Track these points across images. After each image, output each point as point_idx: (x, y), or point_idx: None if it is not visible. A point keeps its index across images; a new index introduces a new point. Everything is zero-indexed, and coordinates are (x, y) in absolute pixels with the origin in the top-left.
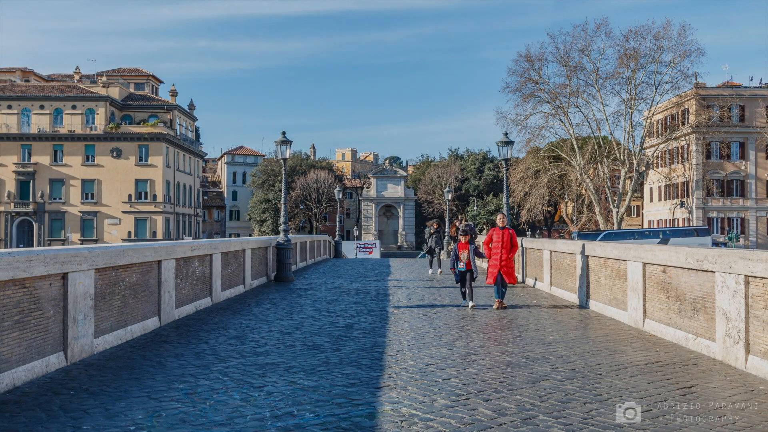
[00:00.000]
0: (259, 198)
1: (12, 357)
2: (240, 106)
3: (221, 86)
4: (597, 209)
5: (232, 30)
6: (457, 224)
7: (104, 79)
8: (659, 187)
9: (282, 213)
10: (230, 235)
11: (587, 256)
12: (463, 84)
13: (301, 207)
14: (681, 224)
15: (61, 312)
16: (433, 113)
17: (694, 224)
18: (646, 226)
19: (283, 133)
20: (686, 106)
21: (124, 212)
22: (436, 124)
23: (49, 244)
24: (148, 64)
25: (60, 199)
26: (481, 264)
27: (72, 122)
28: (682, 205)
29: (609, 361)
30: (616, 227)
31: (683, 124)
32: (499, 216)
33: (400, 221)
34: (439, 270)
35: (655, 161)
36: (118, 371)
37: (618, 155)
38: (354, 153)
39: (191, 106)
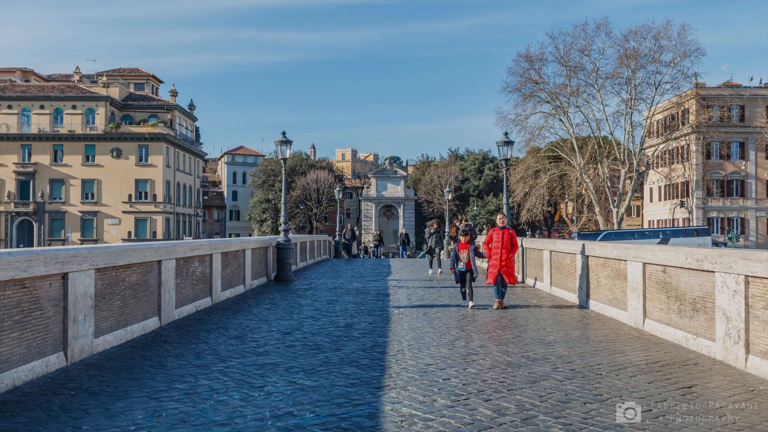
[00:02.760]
0: (259, 198)
1: (12, 357)
2: (240, 106)
3: (221, 86)
4: (597, 209)
5: (234, 26)
6: (457, 224)
7: (104, 79)
8: (659, 187)
9: (282, 213)
10: (230, 235)
11: (587, 256)
12: (463, 84)
13: (301, 207)
14: (681, 224)
15: (61, 312)
16: (433, 113)
17: (694, 224)
18: (646, 226)
19: (283, 133)
20: (686, 106)
21: (124, 212)
22: (436, 124)
23: (49, 244)
24: (149, 64)
25: (60, 199)
26: (481, 264)
27: (72, 122)
28: (682, 205)
29: (609, 361)
30: (616, 227)
31: (683, 124)
32: (499, 216)
33: (400, 221)
34: (439, 270)
35: (655, 161)
36: (118, 371)
37: (618, 155)
38: (354, 153)
39: (191, 106)
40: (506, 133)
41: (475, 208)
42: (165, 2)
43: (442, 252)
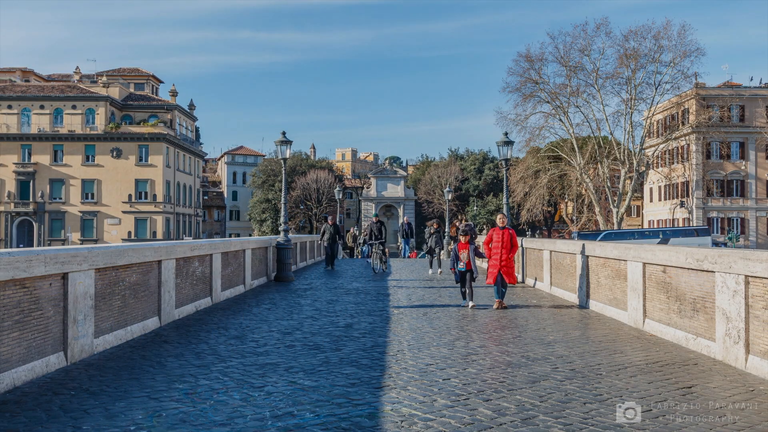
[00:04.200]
0: (259, 198)
1: (12, 357)
2: (240, 106)
3: (221, 86)
4: (597, 209)
5: (233, 26)
6: (457, 224)
7: (104, 79)
8: (659, 187)
9: (282, 213)
10: (230, 235)
11: (587, 256)
12: (463, 84)
13: (301, 207)
14: (681, 224)
15: (61, 312)
16: (433, 113)
17: (694, 224)
18: (646, 226)
19: (283, 133)
20: (686, 106)
21: (124, 212)
22: (436, 124)
23: (49, 244)
24: (149, 64)
25: (60, 199)
26: (481, 264)
27: (72, 122)
28: (682, 205)
29: (609, 361)
30: (616, 227)
31: (683, 124)
32: (499, 216)
33: (400, 221)
34: (439, 270)
35: (655, 161)
36: (118, 371)
37: (618, 155)
38: (354, 153)
39: (191, 106)
40: (506, 133)
41: (475, 208)
42: (163, 3)
43: (442, 252)
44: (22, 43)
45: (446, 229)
